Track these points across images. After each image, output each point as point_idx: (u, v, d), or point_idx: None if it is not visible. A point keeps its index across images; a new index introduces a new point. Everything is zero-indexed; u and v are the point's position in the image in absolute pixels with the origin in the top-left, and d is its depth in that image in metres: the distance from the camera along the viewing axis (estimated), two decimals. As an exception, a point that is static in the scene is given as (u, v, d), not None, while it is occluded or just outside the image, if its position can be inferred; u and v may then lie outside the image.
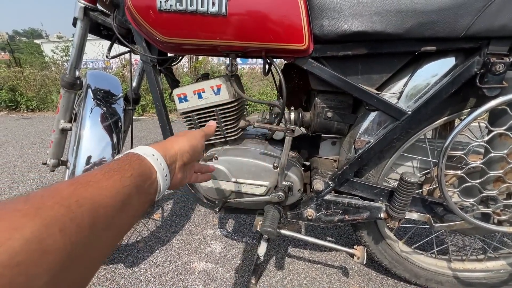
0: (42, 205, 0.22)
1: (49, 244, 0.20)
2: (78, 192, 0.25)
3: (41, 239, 0.20)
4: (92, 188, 0.27)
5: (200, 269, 1.05)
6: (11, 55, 5.90)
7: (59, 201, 0.23)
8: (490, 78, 0.59)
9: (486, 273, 0.89)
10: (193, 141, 0.46)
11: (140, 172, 0.34)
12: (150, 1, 0.62)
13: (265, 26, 0.62)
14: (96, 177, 0.29)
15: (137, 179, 0.32)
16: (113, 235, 0.28)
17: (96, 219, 0.25)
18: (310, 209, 0.82)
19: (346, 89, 0.69)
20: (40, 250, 0.19)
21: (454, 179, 0.77)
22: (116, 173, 0.31)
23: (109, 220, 0.27)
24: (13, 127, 3.20)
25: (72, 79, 0.90)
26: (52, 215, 0.22)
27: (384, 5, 0.59)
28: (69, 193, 0.25)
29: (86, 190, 0.26)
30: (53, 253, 0.20)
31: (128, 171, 0.32)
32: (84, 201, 0.25)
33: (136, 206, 0.32)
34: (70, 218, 0.23)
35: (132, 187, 0.31)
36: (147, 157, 0.36)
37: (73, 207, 0.23)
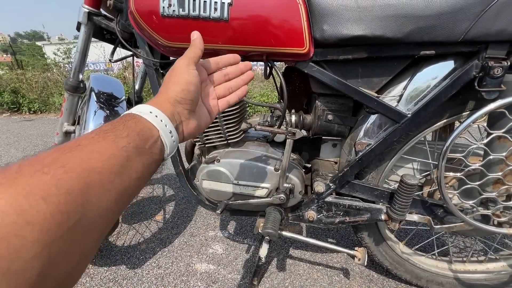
0: (19, 174, 0.20)
1: (32, 214, 0.19)
2: (63, 158, 0.23)
3: (21, 210, 0.18)
4: (81, 152, 0.25)
5: (202, 270, 1.05)
6: (13, 57, 5.95)
7: (40, 168, 0.21)
8: (488, 82, 0.60)
9: (487, 275, 0.89)
10: (181, 77, 0.38)
11: (138, 131, 0.30)
12: (153, 6, 0.63)
13: (267, 31, 0.63)
14: (85, 140, 0.26)
15: (134, 138, 0.29)
16: (115, 200, 0.26)
17: (89, 184, 0.23)
18: (311, 211, 0.83)
19: (347, 92, 0.70)
20: (22, 222, 0.18)
21: (454, 181, 0.78)
22: (109, 134, 0.28)
23: (106, 185, 0.25)
24: (15, 129, 3.22)
25: (75, 83, 0.91)
26: (32, 183, 0.20)
27: (384, 10, 0.60)
28: (53, 159, 0.22)
29: (74, 155, 0.24)
30: (39, 223, 0.19)
31: (123, 131, 0.29)
32: (71, 166, 0.23)
33: (139, 168, 0.29)
34: (55, 186, 0.21)
35: (130, 148, 0.28)
36: (144, 115, 0.33)
37: (58, 173, 0.21)
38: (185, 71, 0.38)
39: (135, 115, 0.32)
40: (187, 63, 0.39)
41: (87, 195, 0.23)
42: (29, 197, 0.19)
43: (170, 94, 0.37)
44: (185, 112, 0.38)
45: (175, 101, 0.37)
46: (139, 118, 0.32)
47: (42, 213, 0.19)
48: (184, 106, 0.38)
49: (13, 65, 5.20)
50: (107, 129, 0.29)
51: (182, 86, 0.37)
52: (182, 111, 0.38)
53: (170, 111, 0.36)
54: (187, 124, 0.38)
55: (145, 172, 0.30)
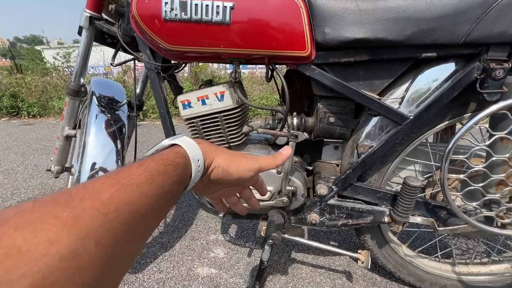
0: (81, 213, 0.20)
1: (84, 259, 0.18)
2: (118, 197, 0.23)
3: (77, 254, 0.18)
4: (133, 192, 0.25)
5: (203, 274, 1.04)
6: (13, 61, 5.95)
7: (99, 207, 0.21)
8: (490, 83, 0.60)
9: (491, 277, 0.89)
10: (239, 166, 0.39)
11: (181, 179, 0.31)
12: (155, 10, 0.63)
13: (268, 34, 0.63)
14: (139, 178, 0.26)
15: (176, 186, 0.30)
16: (142, 241, 0.27)
17: (132, 228, 0.23)
18: (313, 213, 0.83)
19: (348, 95, 0.70)
20: (75, 267, 0.17)
21: (456, 182, 0.78)
22: (161, 177, 0.28)
23: (143, 228, 0.25)
24: (15, 133, 3.21)
25: (77, 87, 0.91)
26: (90, 225, 0.19)
27: (385, 12, 0.60)
28: (109, 197, 0.22)
29: (127, 195, 0.24)
30: (88, 269, 0.18)
31: (172, 176, 0.29)
32: (123, 208, 0.23)
33: (165, 210, 0.30)
34: (107, 229, 0.21)
35: (171, 195, 0.29)
36: (193, 162, 0.34)
37: (111, 215, 0.21)
38: (245, 171, 0.40)
39: (187, 160, 0.33)
40: (256, 168, 0.41)
41: (128, 238, 0.23)
42: (85, 240, 0.19)
43: (219, 161, 0.39)
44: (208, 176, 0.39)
45: (214, 166, 0.38)
46: (189, 165, 0.33)
47: (92, 258, 0.19)
48: (212, 175, 0.39)
49: (12, 70, 5.19)
50: (160, 170, 0.29)
51: (230, 171, 0.39)
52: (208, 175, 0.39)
53: (207, 164, 0.38)
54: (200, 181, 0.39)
55: (166, 212, 0.31)
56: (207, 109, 0.79)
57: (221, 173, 0.39)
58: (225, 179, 0.40)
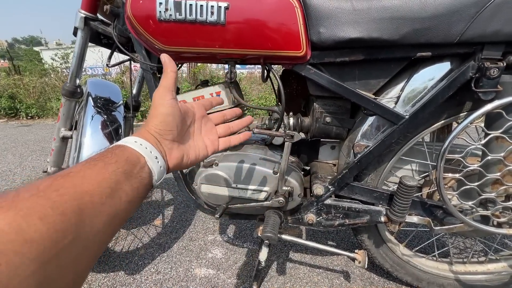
0: (16, 198, 0.22)
1: (30, 233, 0.20)
2: (57, 183, 0.25)
3: (19, 229, 0.20)
4: (73, 177, 0.27)
5: (201, 275, 1.04)
6: (11, 62, 5.93)
7: (36, 193, 0.23)
8: (485, 83, 0.60)
9: (488, 276, 0.89)
10: (158, 110, 0.40)
11: (125, 158, 0.33)
12: (150, 11, 0.63)
13: (263, 34, 0.63)
14: (76, 167, 0.28)
15: (123, 164, 0.32)
16: (107, 221, 0.28)
17: (82, 205, 0.25)
18: (310, 213, 0.83)
19: (344, 95, 0.70)
20: (21, 240, 0.19)
21: (453, 182, 0.78)
22: (99, 161, 0.30)
23: (98, 207, 0.26)
24: (13, 135, 3.20)
25: (72, 88, 0.91)
26: (29, 205, 0.21)
27: (380, 12, 0.60)
28: (47, 185, 0.24)
29: (66, 180, 0.26)
30: (36, 242, 0.20)
31: (111, 158, 0.31)
32: (65, 190, 0.24)
33: (128, 191, 0.31)
34: (50, 207, 0.22)
35: (119, 173, 0.30)
36: (129, 144, 0.35)
37: (52, 196, 0.23)
38: (160, 103, 0.40)
39: (121, 145, 0.35)
40: (162, 94, 0.41)
41: (81, 216, 0.24)
42: (26, 217, 0.20)
43: (150, 126, 0.40)
44: (166, 142, 0.40)
45: (155, 132, 0.39)
46: (125, 147, 0.35)
47: (39, 232, 0.20)
48: (164, 136, 0.40)
49: (10, 71, 5.18)
50: (97, 158, 0.31)
51: (159, 119, 0.40)
52: (163, 141, 0.40)
53: (153, 140, 0.39)
54: (170, 154, 0.40)
55: (134, 196, 0.32)
56: (203, 110, 0.79)
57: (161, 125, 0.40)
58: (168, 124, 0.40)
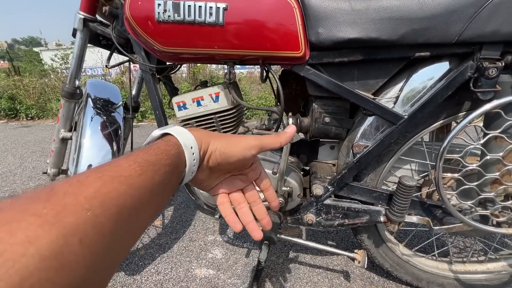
0: (63, 209, 0.18)
1: (67, 258, 0.17)
2: (104, 190, 0.22)
3: (59, 253, 0.17)
4: (121, 184, 0.23)
5: (201, 276, 1.04)
6: (11, 63, 5.93)
7: (83, 203, 0.20)
8: (483, 82, 0.60)
9: (487, 275, 0.89)
10: (237, 145, 0.36)
11: (174, 169, 0.29)
12: (149, 12, 0.63)
13: (262, 35, 0.63)
14: (127, 170, 0.24)
15: (168, 175, 0.28)
16: (133, 239, 0.25)
17: (119, 223, 0.22)
18: (310, 214, 0.83)
19: (343, 95, 0.70)
20: (57, 267, 0.16)
21: (452, 181, 0.78)
22: (151, 167, 0.26)
23: (133, 224, 0.24)
24: (13, 136, 3.20)
25: (72, 89, 0.91)
26: (73, 222, 0.18)
27: (378, 12, 0.60)
28: (94, 191, 0.21)
29: (114, 188, 0.22)
30: (71, 268, 0.17)
31: (163, 166, 0.27)
32: (110, 202, 0.21)
33: (160, 203, 0.28)
34: (92, 226, 0.19)
35: (164, 187, 0.27)
36: (186, 149, 0.31)
37: (96, 210, 0.20)
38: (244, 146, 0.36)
39: (180, 148, 0.31)
40: (254, 144, 0.37)
41: (115, 234, 0.22)
42: (68, 238, 0.17)
43: (213, 145, 0.36)
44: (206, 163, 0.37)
45: (211, 151, 0.36)
46: (181, 152, 0.31)
47: (76, 256, 0.18)
48: (211, 161, 0.36)
49: (10, 72, 5.18)
50: (151, 160, 0.27)
51: (227, 153, 0.36)
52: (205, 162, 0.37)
53: (203, 151, 0.35)
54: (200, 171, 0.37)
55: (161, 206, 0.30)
56: (202, 110, 0.79)
57: (219, 156, 0.36)
58: (225, 162, 0.36)
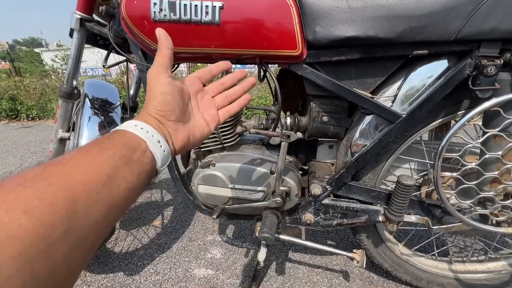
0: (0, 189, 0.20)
1: (12, 228, 0.18)
2: (46, 171, 0.23)
3: (0, 224, 0.18)
4: (65, 165, 0.24)
5: (200, 275, 1.04)
6: (11, 64, 5.94)
7: (22, 182, 0.21)
8: (482, 80, 0.59)
9: (487, 274, 0.89)
10: (155, 90, 0.37)
11: (124, 143, 0.30)
12: (145, 11, 0.63)
13: (259, 34, 0.63)
14: (69, 154, 0.26)
15: (121, 149, 0.29)
16: (104, 211, 0.26)
17: (74, 195, 0.23)
18: (308, 213, 0.82)
19: (341, 94, 0.70)
20: (1, 237, 0.18)
21: (451, 180, 0.77)
22: (94, 147, 0.28)
23: (93, 196, 0.24)
24: (14, 136, 3.21)
25: (69, 89, 0.91)
26: (13, 197, 0.20)
27: (375, 10, 0.60)
28: (35, 174, 0.22)
29: (58, 168, 0.24)
30: (20, 237, 0.18)
31: (107, 143, 0.29)
32: (55, 179, 0.22)
33: (127, 178, 0.29)
34: (37, 198, 0.20)
35: (117, 159, 0.28)
36: (128, 128, 0.33)
37: (41, 186, 0.21)
38: (156, 82, 0.37)
39: (120, 130, 0.33)
40: (157, 72, 0.38)
41: (74, 207, 0.22)
42: (9, 211, 0.19)
43: (149, 108, 0.37)
44: (169, 123, 0.37)
45: (156, 114, 0.36)
46: (124, 131, 0.32)
47: (23, 227, 0.19)
48: (167, 117, 0.37)
49: (11, 72, 5.19)
50: (92, 143, 0.29)
51: (158, 99, 0.37)
52: (166, 122, 0.37)
53: (155, 123, 0.36)
54: (175, 135, 0.38)
55: (135, 183, 0.30)
56: (199, 110, 0.79)
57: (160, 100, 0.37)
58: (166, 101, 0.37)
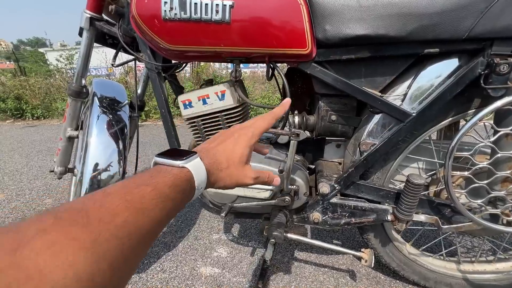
0: (98, 237, 0.21)
1: (99, 280, 0.19)
2: (131, 221, 0.24)
3: (92, 276, 0.19)
4: (145, 217, 0.26)
5: (206, 274, 1.05)
6: (16, 64, 6.00)
7: (114, 231, 0.22)
8: (494, 79, 0.59)
9: (496, 275, 0.88)
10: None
11: (185, 197, 0.33)
12: (155, 10, 0.63)
13: (268, 32, 0.63)
14: (150, 203, 0.27)
15: (181, 205, 0.32)
16: (144, 255, 0.29)
17: (139, 249, 0.25)
18: (316, 212, 0.82)
19: (350, 92, 0.70)
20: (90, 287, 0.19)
21: (461, 180, 0.77)
22: (170, 203, 0.30)
23: (145, 248, 0.27)
24: (19, 135, 3.24)
25: (78, 88, 0.91)
26: (105, 248, 0.21)
27: (386, 8, 0.60)
28: (123, 221, 0.24)
29: (139, 220, 0.25)
30: None
31: (179, 202, 0.31)
32: (135, 232, 0.24)
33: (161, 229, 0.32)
34: (121, 252, 0.22)
35: (175, 214, 0.31)
36: (197, 181, 0.35)
37: (124, 239, 0.23)
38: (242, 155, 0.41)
39: (192, 182, 0.34)
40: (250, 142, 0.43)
41: (136, 258, 0.25)
42: (100, 263, 0.20)
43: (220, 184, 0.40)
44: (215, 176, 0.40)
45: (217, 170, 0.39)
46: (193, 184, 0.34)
47: (106, 280, 0.20)
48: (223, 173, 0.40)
49: (16, 72, 5.24)
50: (171, 196, 0.30)
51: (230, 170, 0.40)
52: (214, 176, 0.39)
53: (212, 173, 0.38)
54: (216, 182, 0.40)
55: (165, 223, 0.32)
56: (208, 109, 0.79)
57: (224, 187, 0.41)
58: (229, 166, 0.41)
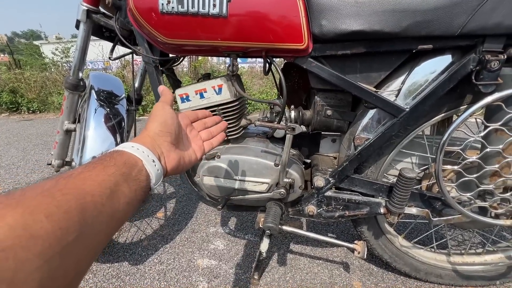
0: (23, 197, 0.23)
1: (36, 229, 0.21)
2: (60, 183, 0.26)
3: (26, 225, 0.20)
4: (75, 178, 0.28)
5: (203, 266, 1.07)
6: (11, 57, 5.90)
7: (41, 192, 0.24)
8: (485, 75, 0.60)
9: (485, 267, 0.91)
10: (158, 114, 0.44)
11: (123, 162, 0.34)
12: (152, 3, 0.63)
13: (265, 27, 0.64)
14: (77, 170, 0.30)
15: (121, 167, 0.33)
16: (107, 222, 0.29)
17: (84, 205, 0.26)
18: (311, 205, 0.84)
19: (345, 87, 0.71)
20: (27, 235, 0.20)
21: (452, 174, 0.79)
22: (98, 164, 0.32)
23: (99, 207, 0.28)
24: (15, 129, 3.22)
25: (75, 81, 0.91)
26: (35, 203, 0.22)
27: (382, 4, 0.60)
28: (51, 185, 0.25)
29: (69, 181, 0.27)
30: (42, 238, 0.21)
31: (110, 162, 0.33)
32: (68, 190, 0.26)
33: (127, 193, 0.32)
34: (55, 206, 0.23)
35: (118, 175, 0.32)
36: (126, 149, 0.37)
37: (57, 195, 0.24)
38: (160, 109, 0.44)
39: (119, 150, 0.36)
40: (162, 105, 0.45)
41: (83, 215, 0.26)
42: (33, 214, 0.21)
43: (149, 129, 0.42)
44: (165, 143, 0.41)
45: (154, 134, 0.41)
46: (123, 152, 0.36)
47: (44, 229, 0.22)
48: (164, 138, 0.42)
49: (11, 65, 5.16)
50: (96, 161, 0.33)
51: (159, 121, 0.43)
52: (162, 143, 0.41)
53: (150, 143, 0.40)
54: (168, 156, 0.41)
55: (132, 198, 0.33)
56: (205, 103, 0.80)
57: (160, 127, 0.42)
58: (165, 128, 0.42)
